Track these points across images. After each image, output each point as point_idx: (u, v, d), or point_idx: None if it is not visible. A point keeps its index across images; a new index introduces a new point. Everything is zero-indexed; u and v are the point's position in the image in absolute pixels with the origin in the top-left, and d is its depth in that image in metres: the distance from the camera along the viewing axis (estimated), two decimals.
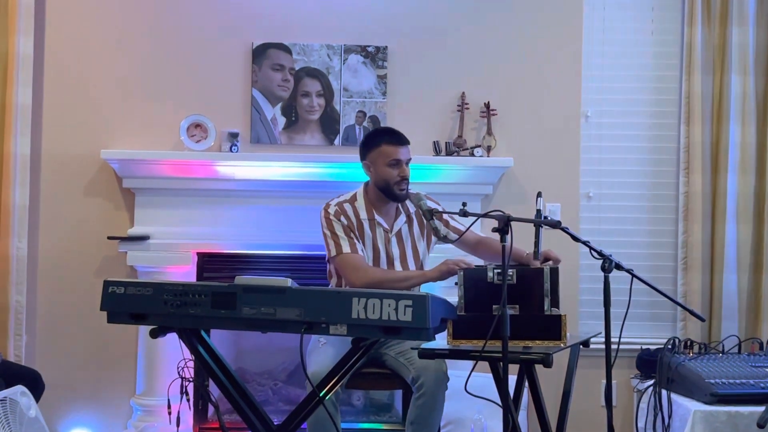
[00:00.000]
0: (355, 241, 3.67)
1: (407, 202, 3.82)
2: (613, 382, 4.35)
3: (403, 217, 3.83)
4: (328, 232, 3.69)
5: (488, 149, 4.61)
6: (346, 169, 4.46)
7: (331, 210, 3.72)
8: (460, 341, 3.04)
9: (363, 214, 3.75)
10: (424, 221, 3.75)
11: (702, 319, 3.25)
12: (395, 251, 3.77)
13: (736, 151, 4.67)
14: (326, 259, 3.79)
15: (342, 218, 3.69)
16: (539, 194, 3.23)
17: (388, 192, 3.72)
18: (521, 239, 3.15)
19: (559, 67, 4.73)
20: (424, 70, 4.69)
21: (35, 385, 3.76)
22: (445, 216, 3.89)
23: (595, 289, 4.60)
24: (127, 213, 4.59)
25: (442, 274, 3.52)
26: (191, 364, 3.21)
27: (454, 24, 4.71)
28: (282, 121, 4.62)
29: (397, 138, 3.75)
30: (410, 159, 3.77)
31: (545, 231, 3.24)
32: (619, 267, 2.98)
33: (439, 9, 4.71)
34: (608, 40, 4.83)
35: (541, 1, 4.74)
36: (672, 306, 4.66)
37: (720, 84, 4.70)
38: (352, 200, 3.79)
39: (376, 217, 3.76)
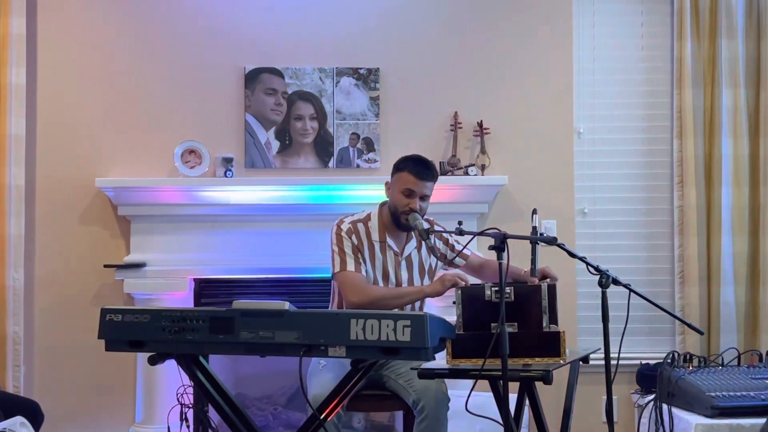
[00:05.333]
0: (361, 261, 3.65)
1: None
2: (614, 397, 4.33)
3: (413, 242, 3.81)
4: (336, 248, 3.66)
5: (482, 168, 4.62)
6: (342, 191, 4.46)
7: (344, 227, 3.70)
8: (459, 360, 3.02)
9: (375, 236, 3.72)
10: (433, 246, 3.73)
11: (701, 333, 3.25)
12: (404, 275, 3.76)
13: (730, 164, 4.69)
14: (331, 275, 3.76)
15: (353, 237, 3.67)
16: (534, 211, 3.23)
17: (394, 216, 3.71)
18: (518, 257, 3.15)
19: (550, 85, 4.75)
20: (417, 90, 4.71)
21: (34, 415, 3.74)
22: (450, 241, 3.90)
23: (592, 305, 4.59)
24: (123, 240, 4.58)
25: (440, 290, 3.50)
26: (190, 390, 3.19)
27: (445, 44, 4.73)
28: (276, 144, 4.63)
29: (420, 170, 3.65)
30: (428, 195, 3.69)
31: (542, 248, 3.24)
32: (616, 282, 2.98)
33: (429, 30, 4.73)
34: (599, 57, 4.85)
35: (531, 19, 4.77)
36: (670, 320, 4.66)
37: (711, 97, 4.72)
38: (366, 220, 3.76)
39: (388, 239, 3.74)
